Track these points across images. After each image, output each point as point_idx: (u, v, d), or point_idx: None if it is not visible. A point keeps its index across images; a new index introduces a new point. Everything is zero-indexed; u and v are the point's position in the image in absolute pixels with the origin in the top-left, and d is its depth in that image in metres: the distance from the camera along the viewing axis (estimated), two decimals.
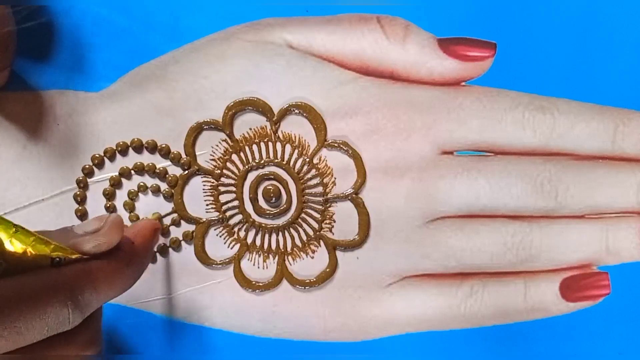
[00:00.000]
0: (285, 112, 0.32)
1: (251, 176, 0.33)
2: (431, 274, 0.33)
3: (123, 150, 0.33)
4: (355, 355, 0.33)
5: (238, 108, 0.32)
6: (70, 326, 0.22)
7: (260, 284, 0.33)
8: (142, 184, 0.33)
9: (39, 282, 0.21)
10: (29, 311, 0.20)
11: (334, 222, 0.33)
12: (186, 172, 0.33)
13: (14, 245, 0.21)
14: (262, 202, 0.33)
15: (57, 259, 0.23)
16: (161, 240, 0.33)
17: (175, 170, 0.33)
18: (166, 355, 0.33)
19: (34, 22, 0.32)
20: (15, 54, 0.32)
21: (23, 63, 0.33)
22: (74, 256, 0.23)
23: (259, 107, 0.32)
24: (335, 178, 0.33)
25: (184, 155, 0.33)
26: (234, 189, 0.33)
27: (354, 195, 0.32)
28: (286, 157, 0.33)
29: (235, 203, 0.33)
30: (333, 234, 0.33)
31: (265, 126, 0.33)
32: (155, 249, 0.33)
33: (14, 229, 0.21)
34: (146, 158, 0.33)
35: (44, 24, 0.32)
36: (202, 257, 0.33)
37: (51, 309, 0.21)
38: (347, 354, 0.33)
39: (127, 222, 0.33)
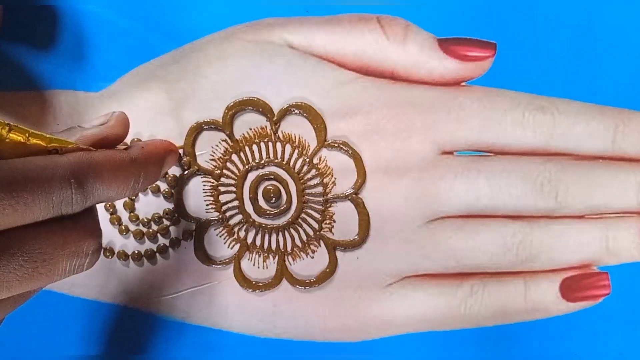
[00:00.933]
0: (285, 112, 0.32)
1: (251, 176, 0.33)
2: (431, 274, 0.33)
3: None
4: (355, 355, 0.33)
5: (238, 108, 0.32)
6: (74, 209, 0.22)
7: (260, 284, 0.33)
8: None
9: (44, 161, 0.21)
10: (35, 185, 0.20)
11: (334, 222, 0.33)
12: (186, 172, 0.33)
13: (10, 141, 0.21)
14: (262, 202, 0.33)
15: (55, 150, 0.22)
16: (161, 240, 0.33)
17: (175, 170, 0.33)
18: (166, 355, 0.33)
19: (34, 22, 0.32)
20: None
21: (23, 63, 0.33)
22: (70, 146, 0.23)
23: (259, 107, 0.32)
24: (335, 178, 0.33)
25: (184, 155, 0.33)
26: (234, 189, 0.33)
27: (354, 195, 0.32)
28: (286, 157, 0.33)
29: (235, 203, 0.33)
30: (333, 234, 0.33)
31: (265, 126, 0.33)
32: (155, 250, 0.33)
33: (7, 127, 0.21)
34: None
35: (44, 24, 0.32)
36: (202, 257, 0.33)
37: (56, 186, 0.21)
38: (347, 354, 0.33)
39: (126, 222, 0.33)
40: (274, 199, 0.32)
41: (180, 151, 0.32)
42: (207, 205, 0.33)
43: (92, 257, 0.24)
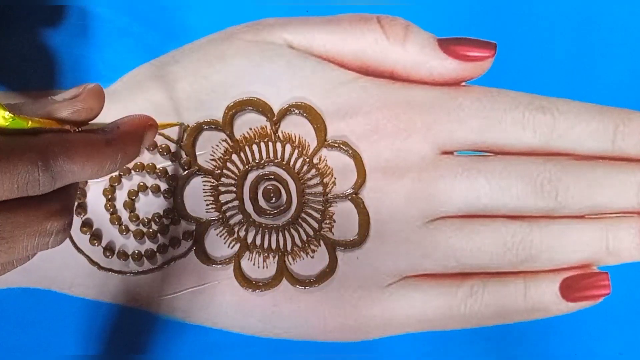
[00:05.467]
0: (285, 112, 0.32)
1: (251, 176, 0.33)
2: (431, 274, 0.33)
3: None
4: (355, 355, 0.33)
5: (238, 108, 0.32)
6: (40, 190, 0.22)
7: (260, 284, 0.33)
8: (142, 183, 0.33)
9: (11, 141, 0.21)
10: (1, 165, 0.20)
11: (334, 222, 0.33)
12: (186, 172, 0.33)
13: None
14: (262, 201, 0.33)
15: (32, 130, 0.22)
16: (161, 240, 0.33)
17: (175, 170, 0.33)
18: (166, 355, 0.33)
19: (34, 22, 0.32)
20: None
21: (23, 63, 0.33)
22: (48, 127, 0.23)
23: (259, 107, 0.32)
24: (335, 178, 0.33)
25: (184, 155, 0.33)
26: (234, 189, 0.33)
27: (354, 195, 0.32)
28: (286, 157, 0.33)
29: (235, 203, 0.33)
30: (333, 233, 0.33)
31: (265, 126, 0.33)
32: (155, 250, 0.33)
33: None
34: (146, 158, 0.33)
35: (44, 24, 0.32)
36: (202, 257, 0.33)
37: (22, 166, 0.21)
38: (347, 354, 0.33)
39: (126, 222, 0.33)
40: (274, 198, 0.32)
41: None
42: (207, 205, 0.33)
43: (56, 236, 0.24)
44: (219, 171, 0.33)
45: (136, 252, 0.33)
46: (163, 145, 0.33)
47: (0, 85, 0.33)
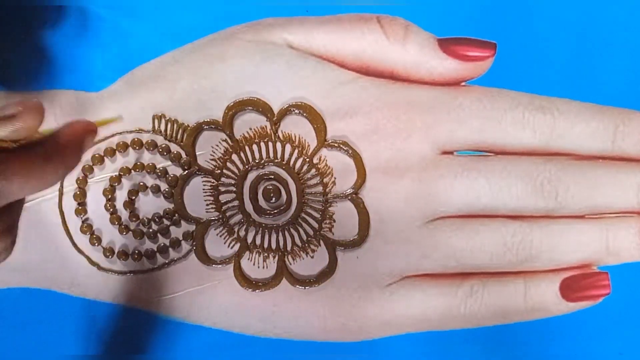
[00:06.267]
0: (285, 112, 0.32)
1: (251, 176, 0.33)
2: (431, 274, 0.33)
3: (123, 149, 0.33)
4: (355, 355, 0.33)
5: (238, 108, 0.32)
6: None
7: (260, 284, 0.33)
8: (142, 183, 0.33)
9: None
10: None
11: (334, 221, 0.33)
12: (186, 172, 0.33)
13: None
14: (262, 201, 0.33)
15: None
16: (161, 240, 0.33)
17: (175, 170, 0.33)
18: (166, 355, 0.33)
19: (34, 22, 0.32)
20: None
21: (23, 63, 0.33)
22: None
23: (259, 107, 0.32)
24: (335, 178, 0.33)
25: (184, 155, 0.33)
26: (234, 188, 0.33)
27: (353, 195, 0.32)
28: (286, 157, 0.33)
29: (235, 203, 0.33)
30: (333, 233, 0.33)
31: (265, 126, 0.33)
32: (155, 250, 0.33)
33: None
34: (146, 158, 0.33)
35: (44, 24, 0.32)
36: (202, 257, 0.33)
37: None
38: (347, 354, 0.33)
39: (126, 222, 0.33)
40: (273, 198, 0.32)
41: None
42: (207, 205, 0.33)
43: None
44: (219, 171, 0.33)
45: (136, 252, 0.33)
46: (163, 145, 0.33)
47: (0, 86, 0.33)
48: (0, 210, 0.23)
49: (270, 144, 0.33)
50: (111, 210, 0.33)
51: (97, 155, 0.33)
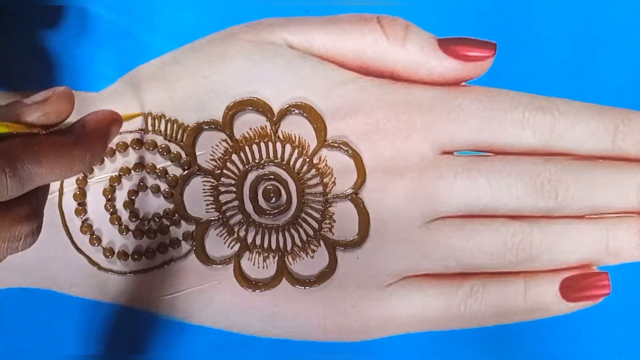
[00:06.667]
0: (285, 112, 0.32)
1: (251, 176, 0.33)
2: (431, 274, 0.33)
3: (123, 149, 0.33)
4: (355, 355, 0.33)
5: (238, 108, 0.32)
6: (9, 195, 0.22)
7: (260, 284, 0.33)
8: (142, 183, 0.33)
9: None
10: None
11: (334, 221, 0.33)
12: (186, 172, 0.33)
13: None
14: (262, 201, 0.33)
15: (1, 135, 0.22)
16: (161, 240, 0.33)
17: (175, 170, 0.33)
18: (166, 355, 0.33)
19: (34, 22, 0.32)
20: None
21: (23, 63, 0.33)
22: (16, 131, 0.22)
23: (259, 107, 0.32)
24: (335, 178, 0.33)
25: (184, 155, 0.33)
26: (234, 189, 0.33)
27: (354, 195, 0.32)
28: (286, 157, 0.33)
29: (235, 203, 0.33)
30: (333, 233, 0.33)
31: (265, 126, 0.33)
32: (155, 250, 0.33)
33: None
34: (146, 158, 0.33)
35: (44, 24, 0.32)
36: (202, 257, 0.33)
37: None
38: (347, 354, 0.33)
39: (126, 222, 0.33)
40: (274, 198, 0.32)
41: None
42: (207, 205, 0.33)
43: (25, 240, 0.24)
44: (219, 171, 0.33)
45: (136, 252, 0.33)
46: (163, 145, 0.33)
47: (0, 86, 0.33)
48: (28, 193, 0.23)
49: (270, 144, 0.33)
50: (111, 210, 0.33)
51: None
